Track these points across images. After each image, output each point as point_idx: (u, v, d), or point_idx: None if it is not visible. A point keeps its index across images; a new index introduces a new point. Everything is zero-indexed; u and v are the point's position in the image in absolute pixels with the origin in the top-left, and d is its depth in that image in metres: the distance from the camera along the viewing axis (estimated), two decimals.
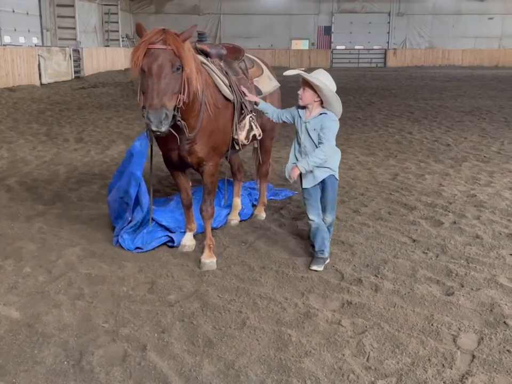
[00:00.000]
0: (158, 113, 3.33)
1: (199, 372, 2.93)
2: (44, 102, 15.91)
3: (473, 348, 3.18)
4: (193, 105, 3.82)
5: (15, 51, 19.49)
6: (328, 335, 3.30)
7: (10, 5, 21.67)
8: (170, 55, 3.39)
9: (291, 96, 18.45)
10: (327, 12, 42.23)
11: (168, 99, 3.38)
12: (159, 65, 3.37)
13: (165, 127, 3.38)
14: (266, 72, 4.97)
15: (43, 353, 3.07)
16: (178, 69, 3.44)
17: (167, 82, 3.39)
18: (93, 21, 31.76)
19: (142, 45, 3.39)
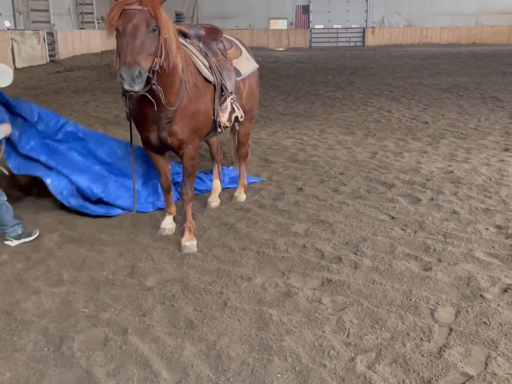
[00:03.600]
0: (131, 70, 3.25)
1: (181, 354, 2.94)
2: (18, 87, 15.59)
3: (451, 321, 3.24)
4: (173, 79, 3.77)
5: None
6: (309, 313, 3.33)
7: None
8: (146, 15, 3.33)
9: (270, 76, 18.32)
10: None
11: (142, 58, 3.31)
12: (134, 24, 3.31)
13: (138, 86, 3.29)
14: (244, 53, 4.93)
15: (23, 340, 3.06)
16: (154, 30, 3.38)
17: (142, 42, 3.32)
18: (67, 3, 31.09)
19: (118, 6, 3.34)
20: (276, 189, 5.77)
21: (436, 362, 2.85)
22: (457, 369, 2.80)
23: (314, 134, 8.84)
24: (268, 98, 13.17)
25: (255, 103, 5.22)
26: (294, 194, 5.58)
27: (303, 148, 7.76)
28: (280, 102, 12.66)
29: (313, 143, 8.11)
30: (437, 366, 2.82)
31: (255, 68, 5.07)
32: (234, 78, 4.49)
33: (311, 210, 5.12)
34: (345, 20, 42.43)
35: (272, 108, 11.75)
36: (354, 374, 2.77)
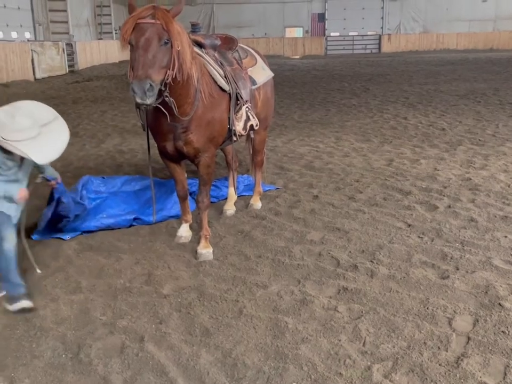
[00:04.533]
0: (142, 84, 3.31)
1: (197, 361, 2.95)
2: (38, 97, 15.81)
3: (469, 330, 3.21)
4: (189, 89, 3.81)
5: (7, 46, 19.37)
6: (325, 321, 3.32)
7: (1, 0, 21.50)
8: (158, 29, 3.39)
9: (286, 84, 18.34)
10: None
11: (154, 71, 3.36)
12: (146, 38, 3.37)
13: (150, 99, 3.36)
14: (260, 62, 4.96)
15: (41, 347, 3.10)
16: (166, 43, 3.43)
17: (153, 55, 3.38)
18: (86, 14, 31.53)
19: (131, 20, 3.40)
20: (292, 197, 5.78)
21: (454, 371, 2.83)
22: (475, 378, 2.77)
23: (330, 141, 8.84)
24: (284, 106, 13.20)
25: (270, 111, 5.25)
26: (310, 202, 5.58)
27: (318, 155, 7.76)
28: (296, 109, 12.68)
29: (329, 151, 8.10)
30: (454, 376, 2.80)
31: (270, 76, 5.09)
32: (249, 87, 4.52)
33: (326, 218, 5.11)
34: (361, 27, 42.40)
35: (288, 116, 11.77)
36: (370, 383, 2.76)
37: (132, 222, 4.97)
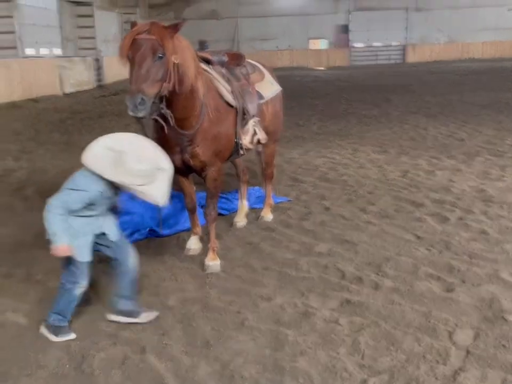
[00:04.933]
0: (134, 98, 3.42)
1: (195, 373, 3.00)
2: (65, 112, 16.22)
3: (469, 344, 3.19)
4: (194, 102, 3.91)
5: (37, 63, 19.94)
6: (325, 334, 3.34)
7: (31, 18, 22.13)
8: (153, 44, 3.49)
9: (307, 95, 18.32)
10: (344, 11, 42.03)
11: (147, 85, 3.46)
12: (140, 53, 3.48)
13: (141, 113, 3.46)
14: (267, 77, 5.03)
15: (46, 357, 3.19)
16: (161, 57, 3.52)
17: (147, 70, 3.48)
18: (113, 29, 32.19)
19: (129, 35, 3.53)
20: (303, 209, 5.81)
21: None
22: None
23: (347, 152, 8.85)
24: (304, 118, 13.26)
25: (279, 125, 5.30)
26: (321, 214, 5.61)
27: (334, 167, 7.78)
28: (316, 121, 12.72)
29: (344, 162, 8.11)
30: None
31: (278, 90, 5.15)
32: (256, 101, 4.59)
33: (336, 230, 5.13)
34: (385, 38, 42.26)
35: (307, 127, 11.82)
36: None
37: (147, 234, 5.06)
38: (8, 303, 3.87)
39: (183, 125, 3.94)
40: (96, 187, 3.22)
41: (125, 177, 3.18)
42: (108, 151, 3.20)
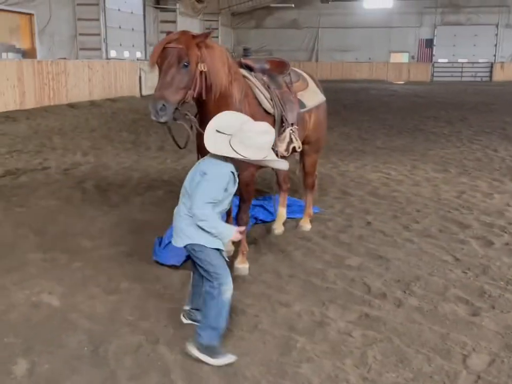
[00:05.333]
0: (155, 104, 3.59)
1: (201, 368, 3.10)
2: (139, 113, 16.91)
3: (481, 369, 3.10)
4: (227, 108, 4.01)
5: (118, 65, 20.93)
6: (335, 344, 3.35)
7: (117, 22, 23.27)
8: (180, 53, 3.63)
9: (380, 110, 18.09)
10: (429, 25, 41.09)
11: (169, 93, 3.61)
12: (167, 61, 3.64)
13: (163, 118, 3.62)
14: (311, 86, 5.08)
15: (69, 339, 3.40)
16: (186, 66, 3.67)
17: (172, 77, 3.63)
18: None
19: (159, 45, 3.71)
20: (344, 221, 5.79)
21: None
22: None
23: (405, 169, 8.70)
24: (370, 132, 13.13)
25: (322, 135, 5.33)
26: (361, 228, 5.57)
27: (387, 183, 7.68)
28: (381, 135, 12.57)
29: (399, 178, 7.98)
30: None
31: (322, 100, 5.18)
32: (297, 110, 4.65)
33: (372, 245, 5.09)
34: (471, 54, 40.89)
35: (371, 141, 11.70)
36: None
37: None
38: (46, 285, 4.13)
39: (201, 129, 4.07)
40: (227, 169, 3.24)
41: (254, 152, 3.19)
42: (227, 130, 3.23)
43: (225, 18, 38.75)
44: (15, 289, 4.07)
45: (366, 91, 28.50)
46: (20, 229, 5.42)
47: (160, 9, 27.66)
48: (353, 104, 20.77)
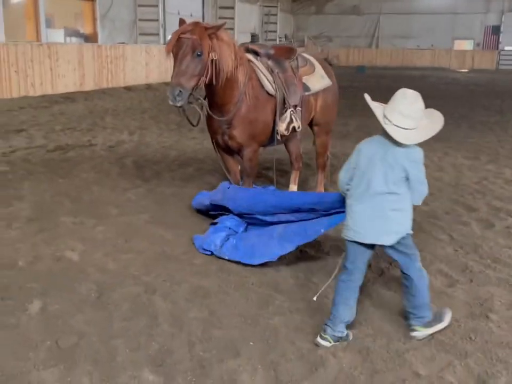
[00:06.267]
0: (173, 90, 4.08)
1: (186, 315, 3.55)
2: None
3: (438, 332, 3.39)
4: (232, 91, 4.46)
5: None
6: (310, 303, 3.72)
7: (176, 7, 23.99)
8: (194, 43, 4.07)
9: (433, 97, 18.00)
10: (496, 11, 39.70)
11: (185, 80, 4.08)
12: (182, 51, 4.10)
13: (180, 102, 4.11)
14: (318, 71, 5.38)
15: (80, 286, 3.92)
16: (199, 55, 4.10)
17: (187, 65, 4.10)
18: (253, 22, 33.61)
19: (174, 35, 4.16)
20: None
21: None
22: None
23: (435, 155, 8.79)
24: None
25: (330, 118, 5.64)
26: None
27: None
28: None
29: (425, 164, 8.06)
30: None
31: (328, 84, 5.45)
32: (300, 93, 4.99)
33: None
34: None
35: None
36: None
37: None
38: (70, 244, 4.70)
39: (222, 110, 4.50)
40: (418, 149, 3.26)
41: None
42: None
43: (285, 4, 38.89)
44: (43, 245, 4.66)
45: (424, 79, 27.98)
46: (58, 197, 6.04)
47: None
48: None
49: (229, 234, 4.56)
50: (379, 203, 3.16)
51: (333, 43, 42.15)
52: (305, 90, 5.07)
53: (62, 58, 15.28)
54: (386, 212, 3.16)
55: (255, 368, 3.01)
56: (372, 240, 3.24)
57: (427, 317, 3.33)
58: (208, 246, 4.49)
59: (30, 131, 10.09)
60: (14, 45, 13.60)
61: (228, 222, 4.67)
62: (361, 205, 3.21)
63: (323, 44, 42.03)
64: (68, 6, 19.48)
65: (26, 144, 8.91)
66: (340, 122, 12.48)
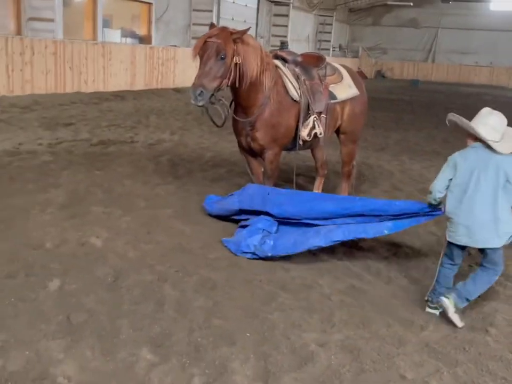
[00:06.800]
0: (195, 90, 4.32)
1: (191, 304, 3.73)
2: None
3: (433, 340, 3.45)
4: (257, 94, 4.65)
5: None
6: (312, 303, 3.83)
7: (230, 13, 24.40)
8: (218, 47, 4.29)
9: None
10: None
11: (207, 81, 4.29)
12: (207, 54, 4.33)
13: (201, 102, 4.34)
14: (346, 80, 5.48)
15: (98, 270, 4.16)
16: (222, 58, 4.30)
17: (210, 68, 4.32)
18: (307, 30, 33.77)
19: (202, 38, 4.40)
20: None
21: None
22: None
23: None
24: (458, 136, 12.94)
25: (357, 127, 5.73)
26: None
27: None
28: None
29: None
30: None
31: (355, 94, 5.52)
32: (325, 100, 5.11)
33: None
34: None
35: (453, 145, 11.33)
36: None
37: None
38: (96, 231, 4.97)
39: (246, 112, 4.69)
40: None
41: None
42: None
43: (342, 14, 38.84)
44: (71, 231, 4.94)
45: (479, 96, 27.41)
46: (92, 187, 6.35)
47: (274, 3, 28.48)
48: (457, 108, 20.07)
49: (263, 236, 4.63)
50: (488, 209, 3.55)
51: (388, 55, 41.80)
52: (331, 98, 5.20)
53: (115, 58, 15.85)
54: (496, 215, 3.54)
55: (248, 357, 3.15)
56: (483, 245, 3.65)
57: (463, 303, 3.64)
58: (247, 248, 4.55)
59: (78, 125, 10.56)
60: (70, 42, 14.23)
61: (259, 223, 4.74)
62: (470, 213, 3.59)
63: (377, 56, 41.78)
64: (127, 7, 20.15)
65: (71, 137, 9.35)
66: (381, 135, 12.54)
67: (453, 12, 39.35)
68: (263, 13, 27.65)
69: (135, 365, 3.02)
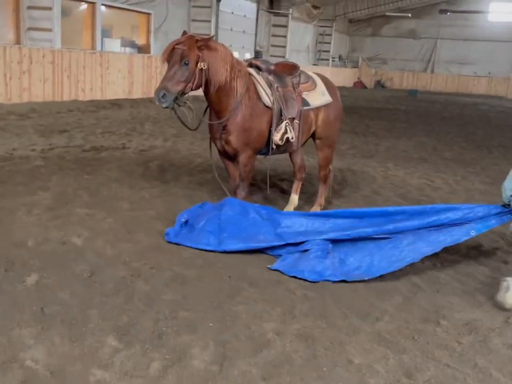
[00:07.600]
0: (158, 93, 4.64)
1: (160, 297, 3.94)
2: None
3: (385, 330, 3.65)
4: (228, 99, 4.90)
5: None
6: (277, 297, 4.04)
7: (229, 24, 24.77)
8: (183, 53, 4.59)
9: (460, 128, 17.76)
10: None
11: (171, 84, 4.60)
12: (172, 59, 4.64)
13: (164, 104, 4.66)
14: (319, 88, 5.71)
15: (75, 266, 4.37)
16: (186, 64, 4.58)
17: (174, 72, 4.64)
18: (307, 40, 34.15)
19: (170, 45, 4.69)
20: None
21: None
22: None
23: (453, 179, 8.93)
24: (448, 144, 13.30)
25: (332, 132, 5.94)
26: None
27: (423, 188, 8.05)
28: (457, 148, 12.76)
29: (439, 186, 8.31)
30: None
31: (328, 101, 5.73)
32: (298, 107, 5.34)
33: None
34: None
35: (440, 153, 11.86)
36: None
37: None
38: (78, 230, 5.19)
39: (219, 116, 4.96)
40: None
41: None
42: None
43: (341, 25, 39.22)
44: (54, 231, 5.16)
45: (475, 106, 27.70)
46: (79, 190, 6.58)
47: (273, 14, 28.87)
48: (452, 117, 20.48)
49: (322, 257, 4.54)
50: None
51: (388, 65, 42.17)
52: (304, 105, 5.43)
53: (112, 67, 16.18)
54: None
55: (207, 344, 3.36)
56: None
57: None
58: (317, 270, 4.41)
59: (72, 132, 10.83)
60: (68, 51, 14.56)
61: (316, 246, 4.66)
62: None
63: (377, 66, 42.14)
64: (126, 18, 20.54)
65: (65, 143, 9.61)
66: (371, 143, 12.77)
67: (451, 23, 39.73)
68: (262, 23, 28.01)
69: (99, 350, 3.22)
